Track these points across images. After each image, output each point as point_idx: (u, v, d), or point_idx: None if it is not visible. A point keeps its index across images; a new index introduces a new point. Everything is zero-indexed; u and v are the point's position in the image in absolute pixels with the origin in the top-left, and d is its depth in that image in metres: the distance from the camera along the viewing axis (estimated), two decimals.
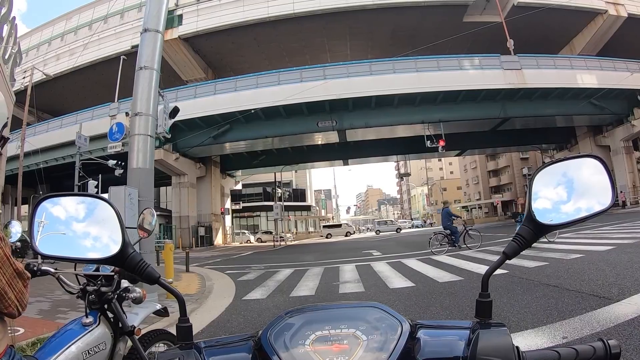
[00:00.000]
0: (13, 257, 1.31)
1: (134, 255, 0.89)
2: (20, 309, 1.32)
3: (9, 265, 1.27)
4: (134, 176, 7.39)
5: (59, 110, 42.63)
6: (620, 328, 3.62)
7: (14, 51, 19.51)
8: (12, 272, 1.28)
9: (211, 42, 38.59)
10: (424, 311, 5.52)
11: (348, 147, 39.35)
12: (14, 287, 1.28)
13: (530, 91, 30.15)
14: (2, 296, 1.24)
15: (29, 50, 42.68)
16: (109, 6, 37.75)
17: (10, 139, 18.74)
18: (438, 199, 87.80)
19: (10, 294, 1.27)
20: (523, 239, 0.82)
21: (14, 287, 1.29)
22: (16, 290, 1.29)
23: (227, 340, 0.86)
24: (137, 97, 7.62)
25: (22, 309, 1.34)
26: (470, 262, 10.06)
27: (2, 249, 1.25)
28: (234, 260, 18.57)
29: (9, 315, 1.31)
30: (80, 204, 1.00)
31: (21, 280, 1.33)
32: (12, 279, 1.28)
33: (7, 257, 1.26)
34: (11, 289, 1.27)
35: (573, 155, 0.85)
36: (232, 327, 5.59)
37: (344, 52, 41.69)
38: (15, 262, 1.30)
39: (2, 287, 1.24)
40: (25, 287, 1.35)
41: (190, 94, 30.88)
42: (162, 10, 8.26)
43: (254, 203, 56.33)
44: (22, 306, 1.33)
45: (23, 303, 1.34)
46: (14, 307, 1.29)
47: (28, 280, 1.38)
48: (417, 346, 0.76)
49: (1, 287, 1.23)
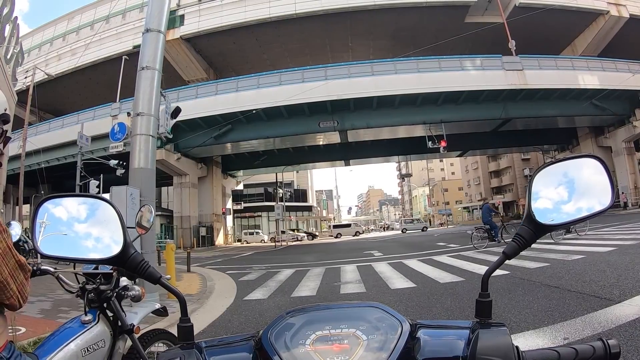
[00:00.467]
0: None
1: (136, 255, 0.90)
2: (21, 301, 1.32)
3: (12, 257, 1.27)
4: (135, 176, 7.40)
5: (60, 110, 42.71)
6: (621, 329, 3.61)
7: (16, 51, 19.53)
8: (14, 263, 1.28)
9: (213, 43, 38.63)
10: (425, 312, 5.52)
11: (349, 147, 39.36)
12: (16, 278, 1.28)
13: (532, 92, 30.13)
14: (4, 287, 1.24)
15: (30, 50, 42.73)
16: (110, 6, 37.83)
17: (12, 138, 18.73)
18: (439, 199, 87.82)
19: (13, 286, 1.27)
20: (523, 239, 0.82)
21: (16, 278, 1.29)
22: (18, 282, 1.29)
23: (228, 340, 0.86)
24: (139, 97, 7.63)
25: (23, 301, 1.33)
26: (471, 263, 10.05)
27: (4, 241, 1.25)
28: (235, 261, 18.58)
29: (10, 308, 1.31)
30: (81, 204, 1.01)
31: (23, 273, 1.33)
32: (15, 271, 1.28)
33: (9, 249, 1.26)
34: (13, 281, 1.27)
35: (573, 156, 0.85)
36: (233, 327, 5.60)
37: (346, 52, 41.71)
38: (17, 254, 1.30)
39: (5, 278, 1.23)
40: (26, 279, 1.35)
41: (191, 94, 30.91)
42: (164, 11, 8.27)
43: (255, 203, 56.41)
44: (23, 298, 1.33)
45: (24, 295, 1.34)
46: (16, 299, 1.29)
47: (29, 273, 1.38)
48: (417, 346, 0.76)
49: (4, 278, 1.23)
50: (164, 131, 8.66)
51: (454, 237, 22.87)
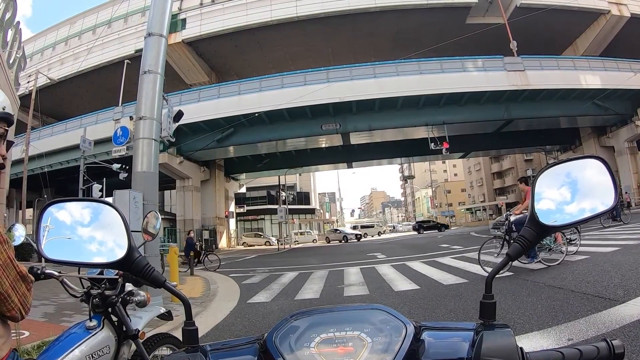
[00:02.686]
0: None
1: (140, 259, 0.90)
2: (23, 313, 1.31)
3: (13, 268, 1.25)
4: (138, 180, 7.42)
5: (63, 114, 42.80)
6: (626, 329, 3.60)
7: (19, 55, 19.58)
8: (15, 275, 1.26)
9: (214, 46, 38.69)
10: (429, 314, 5.52)
11: (352, 150, 39.39)
12: (17, 290, 1.27)
13: (534, 92, 30.08)
14: (5, 299, 1.23)
15: (33, 54, 42.84)
16: (112, 11, 37.98)
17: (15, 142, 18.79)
18: (442, 201, 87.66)
19: (14, 297, 1.25)
20: (526, 241, 0.82)
21: (18, 290, 1.27)
22: (19, 293, 1.28)
23: (232, 343, 0.86)
24: (142, 101, 7.66)
25: (25, 312, 1.32)
26: (474, 265, 10.02)
27: (5, 252, 1.23)
28: (238, 264, 18.60)
29: (11, 319, 1.30)
30: (85, 208, 1.01)
31: (24, 284, 1.31)
32: (16, 282, 1.27)
33: (10, 260, 1.25)
34: (14, 292, 1.26)
35: (575, 157, 0.85)
36: (237, 330, 5.60)
37: (347, 55, 41.71)
38: (18, 265, 1.29)
39: (6, 289, 1.22)
40: (28, 290, 1.34)
41: (194, 98, 30.95)
42: (166, 15, 8.30)
43: (258, 206, 56.38)
44: (25, 310, 1.32)
45: (26, 307, 1.33)
46: (17, 311, 1.28)
47: (31, 284, 1.37)
48: (422, 348, 0.76)
49: (4, 290, 1.22)
50: (166, 135, 8.69)
51: (457, 239, 22.84)
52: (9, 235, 1.76)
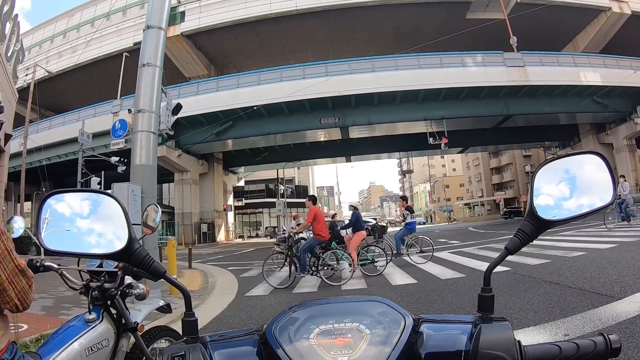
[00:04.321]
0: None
1: (140, 250, 0.89)
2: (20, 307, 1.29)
3: (10, 261, 1.24)
4: (136, 173, 7.42)
5: (61, 107, 42.61)
6: (622, 326, 3.62)
7: (17, 48, 19.47)
8: (13, 267, 1.25)
9: (213, 39, 38.54)
10: (427, 307, 5.54)
11: (351, 144, 39.38)
12: (15, 284, 1.25)
13: (533, 88, 30.06)
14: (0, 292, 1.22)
15: (31, 47, 42.58)
16: (111, 3, 37.68)
17: (13, 136, 18.66)
18: (440, 196, 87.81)
19: (10, 291, 1.24)
20: (525, 235, 0.83)
21: (15, 284, 1.26)
22: (17, 288, 1.26)
23: (232, 334, 0.86)
24: (140, 94, 7.64)
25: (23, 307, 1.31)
26: (472, 259, 10.07)
27: (4, 243, 1.22)
28: (236, 257, 18.60)
29: (9, 310, 1.29)
30: (85, 200, 1.00)
31: (24, 279, 1.30)
32: (14, 276, 1.25)
33: (8, 252, 1.23)
34: (11, 286, 1.24)
35: (574, 152, 0.85)
36: (234, 323, 5.61)
37: (346, 49, 41.58)
38: (17, 259, 1.27)
39: (1, 282, 1.21)
40: (29, 286, 1.32)
41: (192, 91, 30.86)
42: (165, 7, 8.27)
43: (257, 200, 56.40)
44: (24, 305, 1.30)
45: (26, 302, 1.31)
46: (13, 305, 1.27)
47: (32, 279, 1.35)
48: (420, 340, 0.76)
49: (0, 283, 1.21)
50: (165, 128, 8.67)
51: (455, 234, 22.87)
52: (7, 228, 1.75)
